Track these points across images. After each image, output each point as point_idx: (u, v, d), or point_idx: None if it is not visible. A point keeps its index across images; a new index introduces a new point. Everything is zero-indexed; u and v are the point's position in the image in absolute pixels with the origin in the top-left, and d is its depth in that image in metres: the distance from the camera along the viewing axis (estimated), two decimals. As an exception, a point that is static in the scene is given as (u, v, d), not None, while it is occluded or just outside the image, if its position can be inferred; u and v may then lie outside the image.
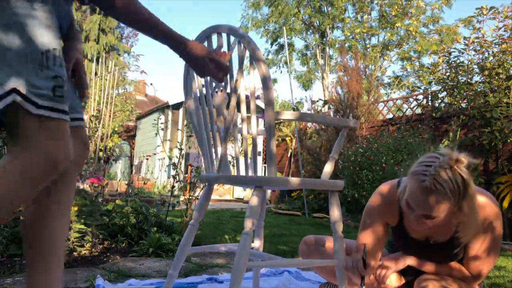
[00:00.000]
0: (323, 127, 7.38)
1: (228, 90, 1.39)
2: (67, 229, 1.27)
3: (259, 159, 10.77)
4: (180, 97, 10.84)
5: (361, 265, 1.41)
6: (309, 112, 8.84)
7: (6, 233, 2.37)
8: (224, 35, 1.38)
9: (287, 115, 1.36)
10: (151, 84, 26.63)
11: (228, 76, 1.37)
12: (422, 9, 13.83)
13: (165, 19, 1.13)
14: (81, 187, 2.59)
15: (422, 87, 7.18)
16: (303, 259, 1.74)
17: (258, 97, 1.29)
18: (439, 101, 6.01)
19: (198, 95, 1.51)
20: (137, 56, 18.69)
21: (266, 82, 1.25)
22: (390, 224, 1.54)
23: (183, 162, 3.37)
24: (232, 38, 1.35)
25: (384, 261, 1.51)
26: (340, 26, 15.53)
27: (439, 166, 1.24)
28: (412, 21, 13.61)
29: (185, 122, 10.25)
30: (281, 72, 16.18)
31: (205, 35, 1.44)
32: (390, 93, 15.16)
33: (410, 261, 1.49)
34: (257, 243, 1.77)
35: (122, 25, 19.88)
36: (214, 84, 1.44)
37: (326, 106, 7.93)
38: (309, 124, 8.56)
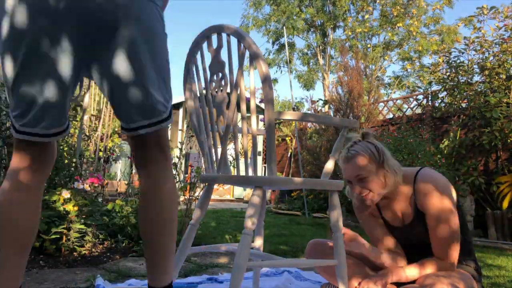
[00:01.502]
0: (323, 127, 7.38)
1: (228, 90, 1.39)
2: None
3: (259, 159, 10.76)
4: (180, 97, 10.84)
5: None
6: (309, 112, 8.83)
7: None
8: (224, 35, 1.38)
9: (288, 115, 1.36)
10: None
11: (228, 75, 1.37)
12: (423, 9, 13.82)
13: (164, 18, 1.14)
14: (81, 187, 2.59)
15: (423, 87, 7.18)
16: (306, 258, 1.74)
17: (261, 101, 1.30)
18: (439, 101, 6.01)
19: (198, 95, 1.51)
20: None
21: (266, 81, 1.25)
22: (375, 216, 1.70)
23: (183, 162, 3.37)
24: (232, 38, 1.35)
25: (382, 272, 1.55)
26: (341, 26, 15.53)
27: (352, 142, 1.61)
28: (413, 21, 13.61)
29: (185, 122, 10.24)
30: (281, 72, 16.18)
31: (205, 35, 1.44)
32: (391, 93, 15.16)
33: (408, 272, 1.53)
34: (257, 243, 1.77)
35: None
36: (214, 84, 1.44)
37: (326, 106, 7.94)
38: (309, 124, 8.56)
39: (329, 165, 1.50)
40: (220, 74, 1.41)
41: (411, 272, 1.50)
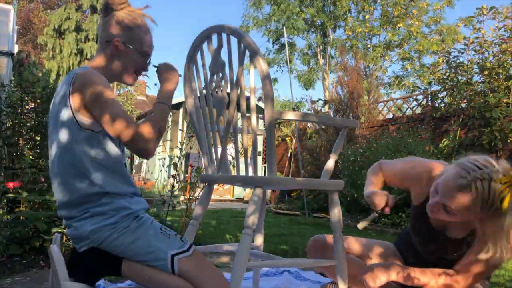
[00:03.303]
0: (323, 127, 7.38)
1: (228, 90, 1.39)
2: None
3: (259, 159, 10.76)
4: (180, 97, 10.84)
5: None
6: (309, 112, 8.84)
7: (6, 233, 2.36)
8: (224, 35, 1.38)
9: (289, 115, 1.36)
10: (156, 84, 27.01)
11: (228, 75, 1.37)
12: (424, 9, 13.81)
13: (162, 18, 1.14)
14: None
15: (422, 87, 7.18)
16: (308, 255, 1.74)
17: (260, 99, 1.30)
18: (439, 101, 6.02)
19: (198, 94, 1.51)
20: None
21: (266, 78, 1.25)
22: (413, 192, 1.52)
23: (183, 162, 3.36)
24: (232, 38, 1.35)
25: (375, 269, 1.40)
26: (342, 26, 15.52)
27: (487, 175, 1.21)
28: (414, 21, 13.60)
29: (185, 122, 10.23)
30: (281, 71, 16.20)
31: (205, 35, 1.44)
32: (391, 93, 15.16)
33: (398, 272, 1.38)
34: (258, 243, 1.77)
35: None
36: (214, 84, 1.44)
37: (326, 106, 7.94)
38: (309, 124, 8.56)
39: (330, 165, 1.49)
40: (220, 74, 1.41)
41: (424, 276, 1.36)
